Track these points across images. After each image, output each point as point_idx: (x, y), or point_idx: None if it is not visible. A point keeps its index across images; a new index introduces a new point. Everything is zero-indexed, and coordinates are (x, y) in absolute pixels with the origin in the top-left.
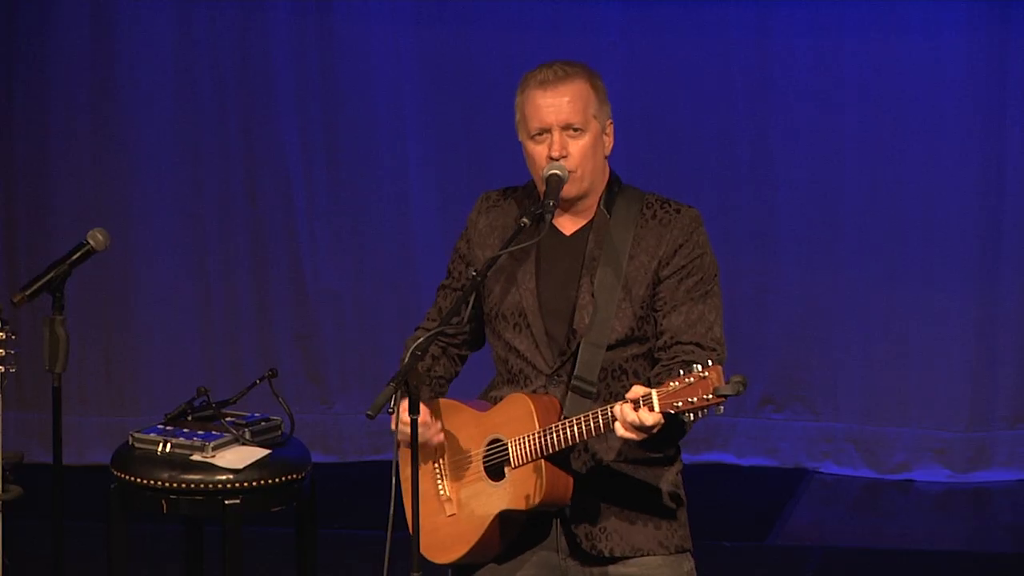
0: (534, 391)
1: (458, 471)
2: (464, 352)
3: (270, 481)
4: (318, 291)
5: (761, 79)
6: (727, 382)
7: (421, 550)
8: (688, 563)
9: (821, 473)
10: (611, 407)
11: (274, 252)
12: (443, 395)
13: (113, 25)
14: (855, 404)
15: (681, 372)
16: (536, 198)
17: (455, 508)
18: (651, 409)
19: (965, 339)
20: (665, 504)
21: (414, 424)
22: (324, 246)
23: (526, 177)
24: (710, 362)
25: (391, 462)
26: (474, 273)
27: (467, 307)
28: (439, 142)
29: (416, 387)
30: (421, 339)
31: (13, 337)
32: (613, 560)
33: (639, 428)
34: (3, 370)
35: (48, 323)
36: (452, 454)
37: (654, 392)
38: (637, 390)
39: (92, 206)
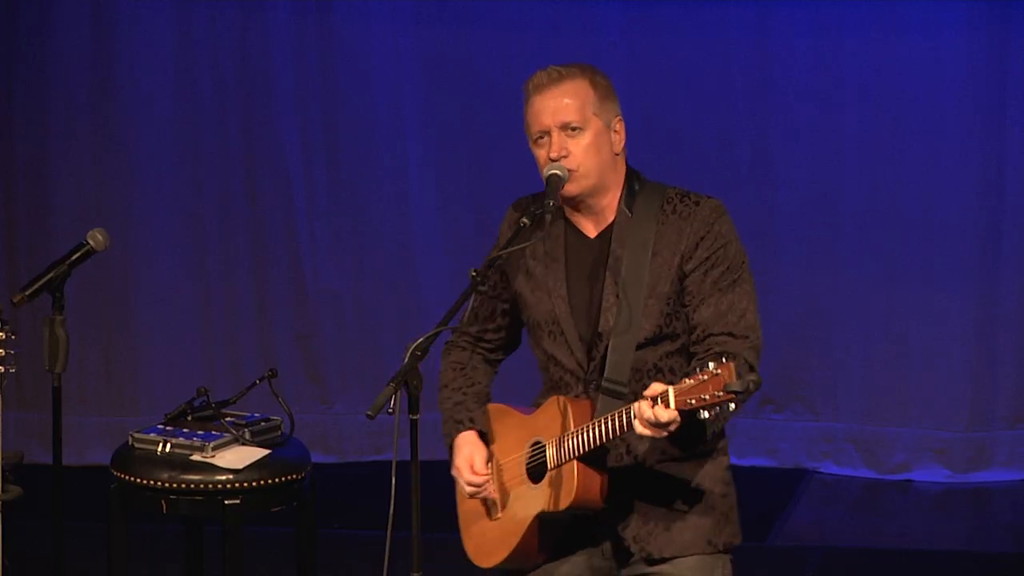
0: (575, 396)
1: (505, 474)
2: (500, 356)
3: (270, 481)
4: (318, 291)
5: (761, 79)
6: (739, 378)
7: (470, 555)
8: (725, 562)
9: (821, 473)
10: (632, 405)
11: (274, 252)
12: (489, 401)
13: (113, 25)
14: (855, 404)
15: (698, 369)
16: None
17: (500, 511)
18: (667, 406)
19: (965, 339)
20: (714, 499)
21: (414, 424)
22: (324, 246)
23: (525, 176)
24: (724, 359)
25: (391, 462)
26: (474, 273)
27: (467, 308)
28: (439, 142)
29: (416, 387)
30: (420, 339)
31: (13, 337)
32: (662, 560)
33: (656, 425)
34: (3, 370)
35: (48, 323)
36: (501, 457)
37: (671, 389)
38: (656, 387)
39: (92, 206)
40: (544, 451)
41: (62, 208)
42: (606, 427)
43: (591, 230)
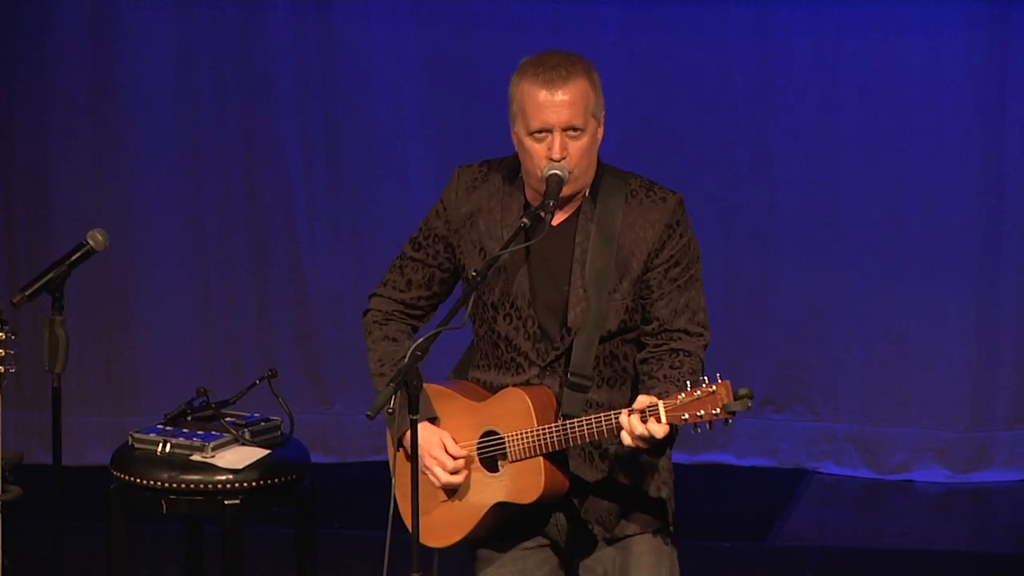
0: (527, 381)
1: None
2: (421, 324)
3: (270, 481)
4: (318, 291)
5: (761, 79)
6: (736, 397)
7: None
8: (672, 542)
9: (821, 473)
10: (616, 416)
11: (274, 252)
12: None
13: (113, 25)
14: (855, 404)
15: (689, 384)
16: (520, 182)
17: (450, 495)
18: (658, 421)
19: (965, 339)
20: (663, 480)
21: (413, 425)
22: (324, 246)
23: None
24: (719, 377)
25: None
26: (474, 273)
27: (467, 308)
28: (439, 142)
29: (416, 387)
30: (420, 340)
31: (13, 337)
32: (624, 537)
33: (646, 439)
34: (3, 370)
35: (48, 323)
36: None
37: (661, 404)
38: (643, 400)
39: (92, 206)
40: (501, 442)
41: (62, 208)
42: (584, 432)
43: (555, 219)
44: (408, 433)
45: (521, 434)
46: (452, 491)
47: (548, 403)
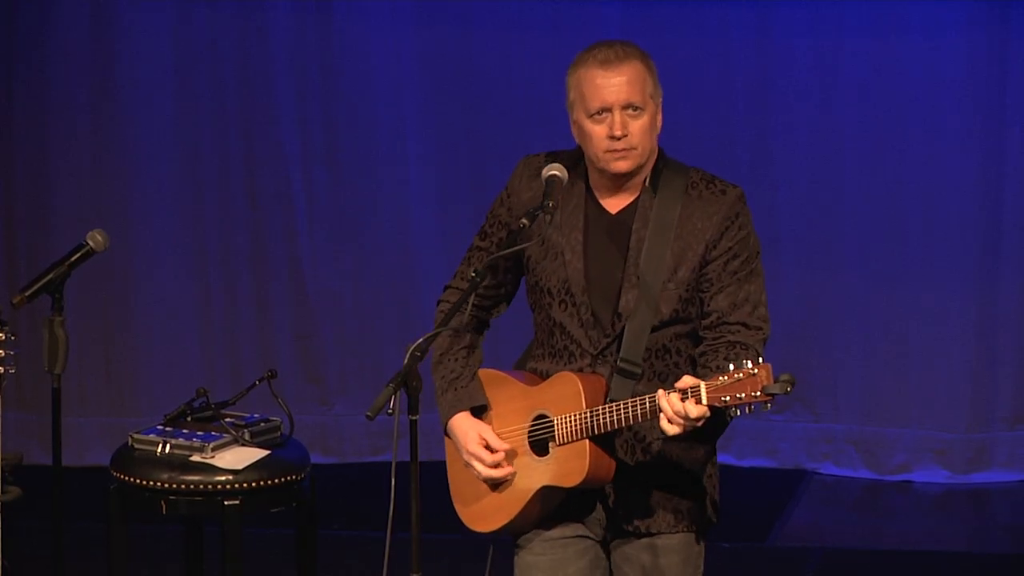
0: (580, 369)
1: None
2: (493, 315)
3: (270, 482)
4: (318, 291)
5: (761, 79)
6: (776, 380)
7: (463, 518)
8: (702, 544)
9: (821, 474)
10: (658, 396)
11: (274, 252)
12: (482, 364)
13: (113, 25)
14: (855, 405)
15: (731, 367)
16: (582, 170)
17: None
18: (698, 401)
19: (965, 340)
20: (699, 482)
21: (413, 425)
22: (324, 246)
23: None
24: (761, 359)
25: (391, 463)
26: (473, 274)
27: (467, 308)
28: (439, 142)
29: (416, 388)
30: (420, 340)
31: (13, 338)
32: (649, 534)
33: (684, 418)
34: (3, 371)
35: (48, 324)
36: (499, 427)
37: (703, 385)
38: (686, 380)
39: (92, 206)
40: (551, 425)
41: (62, 208)
42: (628, 413)
43: (613, 206)
44: (451, 423)
45: (569, 417)
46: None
47: (599, 389)
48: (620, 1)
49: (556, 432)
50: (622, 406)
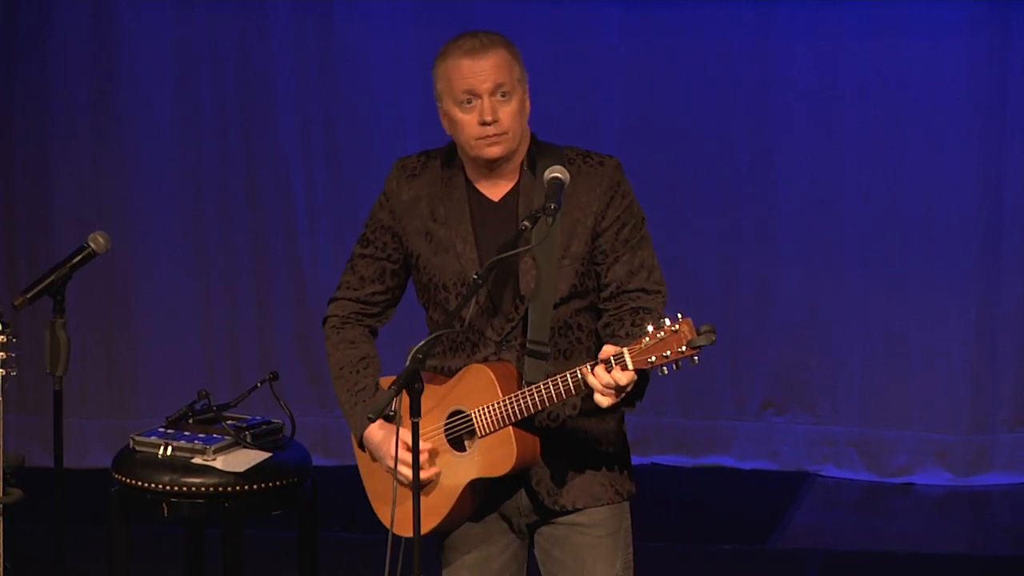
0: (485, 358)
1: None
2: (382, 322)
3: (271, 484)
4: (318, 292)
5: (761, 80)
6: (699, 333)
7: (391, 527)
8: (628, 512)
9: (822, 476)
10: (580, 370)
11: (274, 253)
12: (380, 372)
13: (113, 26)
14: (856, 407)
15: (650, 328)
16: (458, 163)
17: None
18: (624, 368)
19: (965, 341)
20: (616, 452)
21: (415, 427)
22: (324, 247)
23: None
24: (680, 315)
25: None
26: (475, 276)
27: (468, 309)
28: (439, 142)
29: (417, 390)
30: (421, 343)
31: (14, 340)
32: (575, 510)
33: (615, 388)
34: (4, 373)
35: (49, 326)
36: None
37: (626, 351)
38: (608, 350)
39: (92, 208)
40: (468, 420)
41: (62, 209)
42: (551, 392)
43: (495, 193)
44: (365, 434)
45: (487, 408)
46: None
47: (510, 375)
48: (620, 3)
49: (476, 425)
50: (542, 387)
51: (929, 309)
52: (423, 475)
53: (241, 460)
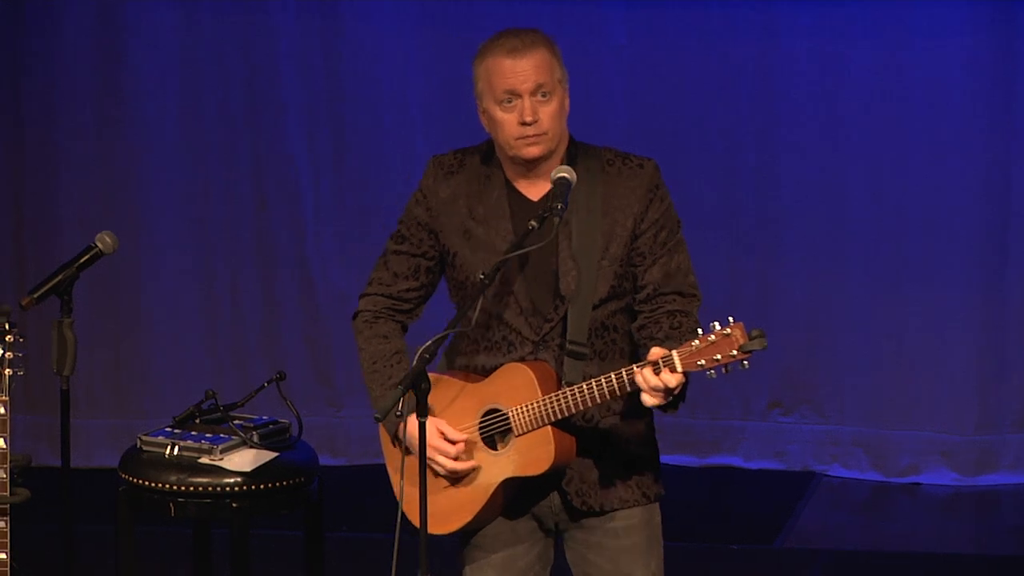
0: (522, 358)
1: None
2: (413, 318)
3: (278, 484)
4: (326, 293)
5: (766, 82)
6: (751, 338)
7: (417, 523)
8: (658, 512)
9: (829, 476)
10: (626, 372)
11: (281, 253)
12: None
13: (120, 28)
14: (862, 407)
15: (700, 331)
16: (496, 162)
17: (451, 481)
18: (672, 370)
19: (972, 341)
20: (644, 455)
21: (422, 427)
22: (332, 248)
23: None
24: (731, 319)
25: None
26: (482, 276)
27: (475, 310)
28: (446, 144)
29: (424, 389)
30: (428, 342)
31: (21, 340)
32: (601, 513)
33: (664, 391)
34: (12, 373)
35: (56, 326)
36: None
37: (675, 353)
38: (656, 351)
39: (100, 209)
40: (505, 418)
41: (70, 210)
42: (594, 393)
43: (533, 193)
44: (404, 430)
45: (526, 407)
46: (456, 477)
47: (549, 375)
48: (625, 4)
49: (513, 423)
50: (584, 388)
51: (935, 309)
52: (459, 468)
53: (248, 460)
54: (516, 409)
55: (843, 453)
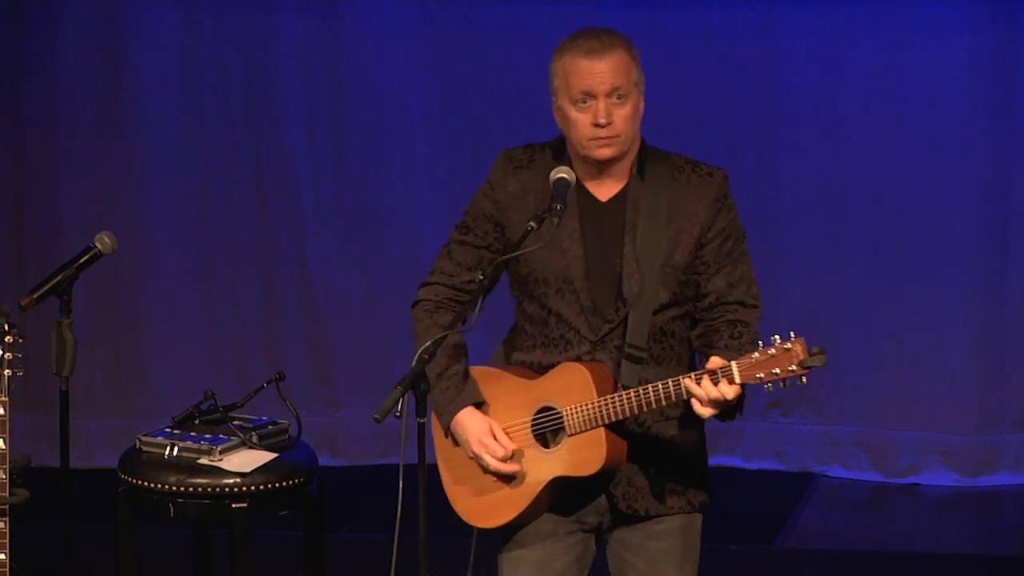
0: (578, 357)
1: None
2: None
3: (277, 484)
4: (326, 294)
5: (766, 82)
6: (811, 354)
7: (464, 516)
8: (699, 520)
9: (828, 476)
10: (683, 380)
11: (282, 255)
12: (466, 358)
13: (120, 27)
14: (862, 407)
15: (761, 343)
16: (567, 159)
17: (500, 476)
18: (731, 381)
19: (972, 341)
20: (694, 462)
21: (421, 428)
22: (332, 249)
23: None
24: (792, 334)
25: (398, 465)
26: (481, 277)
27: (475, 311)
28: (447, 144)
29: (424, 390)
30: (429, 343)
31: (21, 340)
32: (647, 518)
33: (720, 401)
34: (11, 373)
35: (56, 326)
36: (499, 421)
37: (734, 364)
38: (715, 361)
39: (100, 209)
40: (559, 416)
41: (69, 211)
42: (648, 399)
43: (603, 194)
44: (458, 418)
45: (581, 407)
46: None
47: (605, 376)
48: (624, 5)
49: (567, 422)
50: (641, 392)
51: (935, 309)
52: (505, 469)
53: (247, 461)
54: (570, 409)
55: (843, 453)
